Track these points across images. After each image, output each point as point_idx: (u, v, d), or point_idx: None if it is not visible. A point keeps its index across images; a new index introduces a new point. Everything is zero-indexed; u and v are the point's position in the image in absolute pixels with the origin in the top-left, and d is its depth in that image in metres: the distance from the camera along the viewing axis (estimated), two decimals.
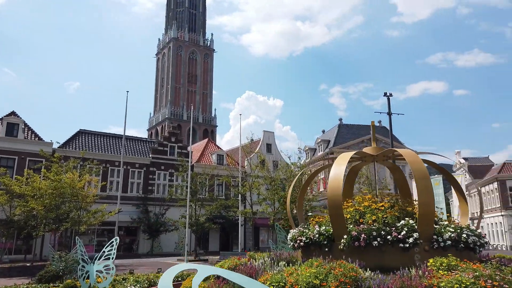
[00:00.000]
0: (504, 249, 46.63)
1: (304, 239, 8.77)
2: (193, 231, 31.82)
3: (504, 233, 49.21)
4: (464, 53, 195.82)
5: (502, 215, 49.41)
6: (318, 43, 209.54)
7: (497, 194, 50.40)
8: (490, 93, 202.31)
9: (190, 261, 27.62)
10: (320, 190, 41.65)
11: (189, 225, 29.55)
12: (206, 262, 26.28)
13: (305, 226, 9.43)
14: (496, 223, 51.11)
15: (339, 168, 8.05)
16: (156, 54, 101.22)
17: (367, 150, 9.30)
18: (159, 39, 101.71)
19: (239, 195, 34.09)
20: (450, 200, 57.00)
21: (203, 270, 3.86)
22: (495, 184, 51.01)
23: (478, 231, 8.17)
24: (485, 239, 8.25)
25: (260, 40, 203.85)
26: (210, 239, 40.96)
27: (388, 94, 31.10)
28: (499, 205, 49.69)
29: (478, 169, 57.52)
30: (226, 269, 8.61)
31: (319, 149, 49.95)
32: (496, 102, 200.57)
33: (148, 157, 40.19)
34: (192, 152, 34.28)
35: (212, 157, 43.65)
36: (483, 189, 55.14)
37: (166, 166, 40.37)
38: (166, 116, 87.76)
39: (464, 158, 63.00)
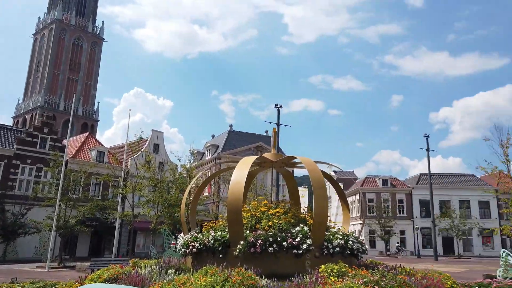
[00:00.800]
0: None
1: (197, 245, 8.27)
2: (59, 234, 28.24)
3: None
4: (339, 77, 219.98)
5: (360, 223, 56.09)
6: (213, 50, 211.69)
7: (359, 204, 57.15)
8: (357, 116, 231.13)
9: (53, 268, 24.36)
10: (205, 194, 41.42)
11: (56, 228, 26.13)
12: (73, 269, 23.48)
13: (199, 232, 8.94)
14: (357, 230, 57.76)
15: (241, 173, 7.80)
16: (33, 34, 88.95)
17: (267, 155, 9.29)
18: (39, 18, 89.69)
19: (119, 196, 31.60)
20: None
21: None
22: (357, 196, 57.80)
23: (360, 238, 8.79)
24: (365, 246, 8.92)
25: (155, 37, 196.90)
26: (79, 243, 37.00)
27: (278, 106, 32.77)
28: (359, 214, 56.34)
29: (344, 182, 64.41)
30: (106, 278, 7.58)
31: (207, 153, 49.84)
32: (361, 124, 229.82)
33: (11, 148, 34.61)
34: (68, 146, 30.58)
35: (91, 154, 39.79)
36: (347, 200, 61.97)
37: (34, 160, 35.29)
38: (39, 104, 77.42)
39: (334, 171, 70.05)
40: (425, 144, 44.38)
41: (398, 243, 51.51)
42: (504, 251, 14.08)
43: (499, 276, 12.71)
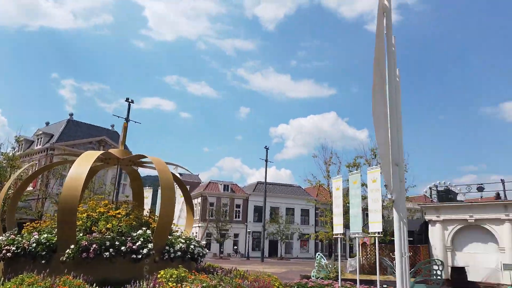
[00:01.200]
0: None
1: (13, 248, 6.99)
2: None
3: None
4: (194, 82, 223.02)
5: (199, 226, 57.36)
6: (59, 27, 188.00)
7: (200, 208, 58.42)
8: (207, 121, 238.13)
9: None
10: (29, 189, 35.83)
11: None
12: None
13: (17, 233, 7.59)
14: (196, 232, 58.75)
15: (81, 168, 6.97)
16: None
17: (113, 152, 8.58)
18: None
19: None
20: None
21: None
22: (200, 199, 59.05)
23: (202, 242, 8.90)
24: (206, 250, 9.07)
25: None
26: None
27: (129, 100, 31.04)
28: (199, 217, 57.60)
29: (190, 185, 65.16)
30: None
31: (38, 142, 43.35)
32: (210, 130, 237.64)
33: None
34: None
35: None
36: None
37: None
38: None
39: (180, 173, 70.17)
40: (265, 155, 48.47)
41: (236, 246, 55.03)
42: (319, 254, 16.38)
43: (313, 276, 14.68)
